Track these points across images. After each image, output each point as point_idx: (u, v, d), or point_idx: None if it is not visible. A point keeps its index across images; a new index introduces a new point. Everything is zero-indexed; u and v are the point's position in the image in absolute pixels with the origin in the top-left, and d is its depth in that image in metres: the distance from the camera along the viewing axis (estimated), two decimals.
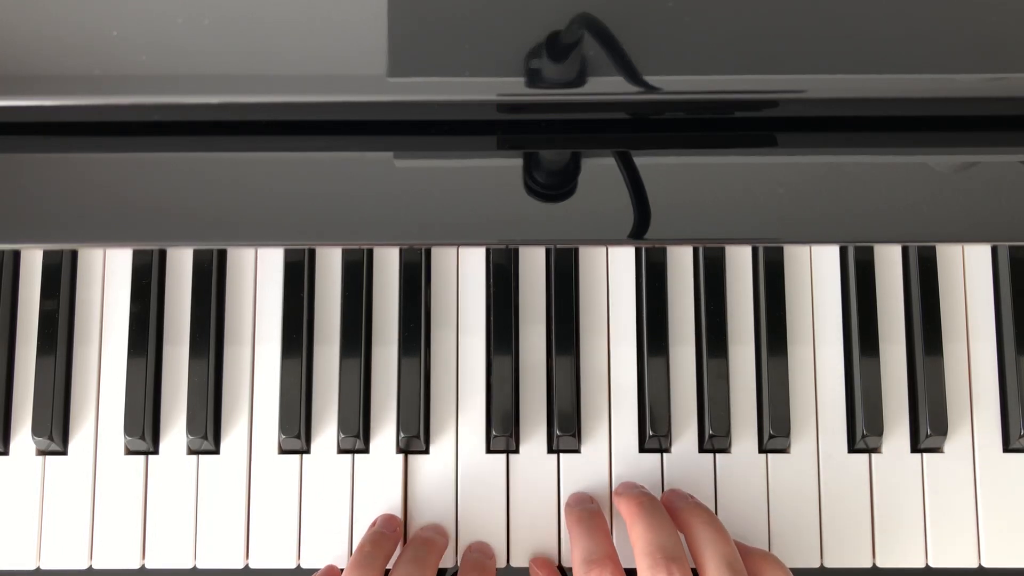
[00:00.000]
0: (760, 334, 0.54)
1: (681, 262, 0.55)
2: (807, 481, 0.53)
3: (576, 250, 0.54)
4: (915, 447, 0.54)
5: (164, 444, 0.54)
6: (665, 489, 0.53)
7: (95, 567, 0.53)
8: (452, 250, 0.55)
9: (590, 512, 0.50)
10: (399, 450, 0.54)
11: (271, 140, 0.48)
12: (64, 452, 0.54)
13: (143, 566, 0.53)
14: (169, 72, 0.45)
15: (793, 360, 0.54)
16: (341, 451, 0.54)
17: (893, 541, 0.53)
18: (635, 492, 0.50)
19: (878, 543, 0.53)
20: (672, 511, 0.49)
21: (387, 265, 0.55)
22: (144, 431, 0.53)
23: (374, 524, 0.52)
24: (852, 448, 0.54)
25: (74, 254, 0.55)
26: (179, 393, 0.54)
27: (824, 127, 0.48)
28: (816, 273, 0.55)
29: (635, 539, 0.46)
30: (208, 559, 0.53)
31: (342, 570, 0.50)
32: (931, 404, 0.53)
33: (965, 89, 0.46)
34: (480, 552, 0.52)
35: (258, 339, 0.55)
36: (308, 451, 0.54)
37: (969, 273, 0.55)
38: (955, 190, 0.48)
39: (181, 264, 0.55)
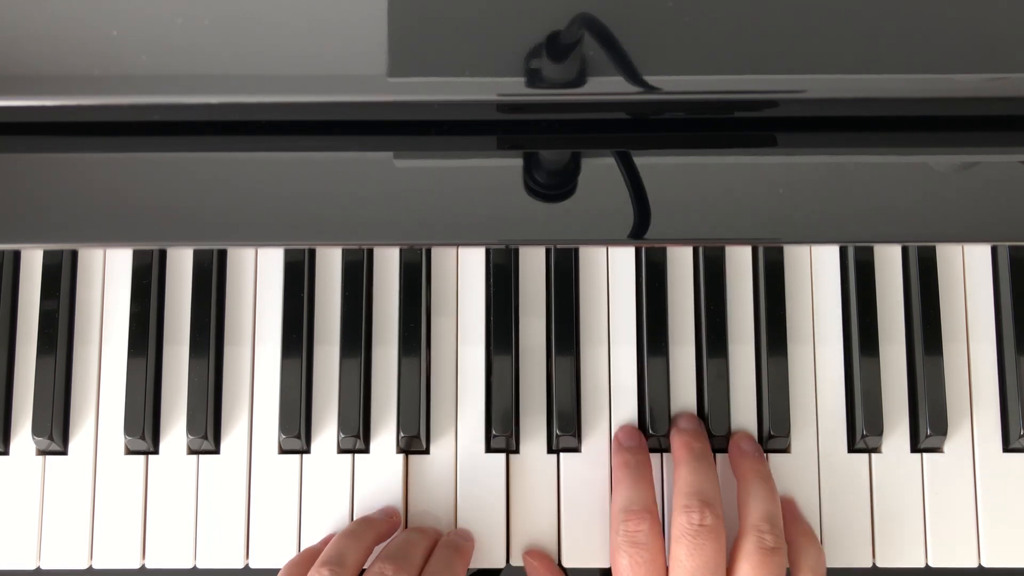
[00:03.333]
0: (760, 334, 0.54)
1: (681, 262, 0.55)
2: (807, 481, 0.53)
3: (576, 250, 0.54)
4: (915, 447, 0.54)
5: (164, 444, 0.54)
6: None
7: (95, 567, 0.53)
8: (452, 250, 0.55)
9: (638, 460, 0.51)
10: (399, 450, 0.54)
11: (271, 140, 0.48)
12: (64, 452, 0.54)
13: (143, 566, 0.53)
14: (169, 72, 0.45)
15: (793, 360, 0.54)
16: (341, 451, 0.54)
17: (893, 541, 0.53)
18: (688, 435, 0.51)
19: (878, 543, 0.53)
20: (734, 454, 0.52)
21: (387, 265, 0.55)
22: (144, 431, 0.53)
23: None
24: (852, 448, 0.54)
25: (74, 254, 0.55)
26: (179, 393, 0.54)
27: (824, 127, 0.48)
28: (816, 273, 0.55)
29: (678, 479, 0.49)
30: (208, 559, 0.53)
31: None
32: (931, 404, 0.53)
33: (965, 89, 0.46)
34: (457, 535, 0.52)
35: (258, 339, 0.55)
36: (308, 451, 0.54)
37: (969, 273, 0.55)
38: (955, 190, 0.48)
39: (181, 264, 0.55)
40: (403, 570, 0.46)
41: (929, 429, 0.52)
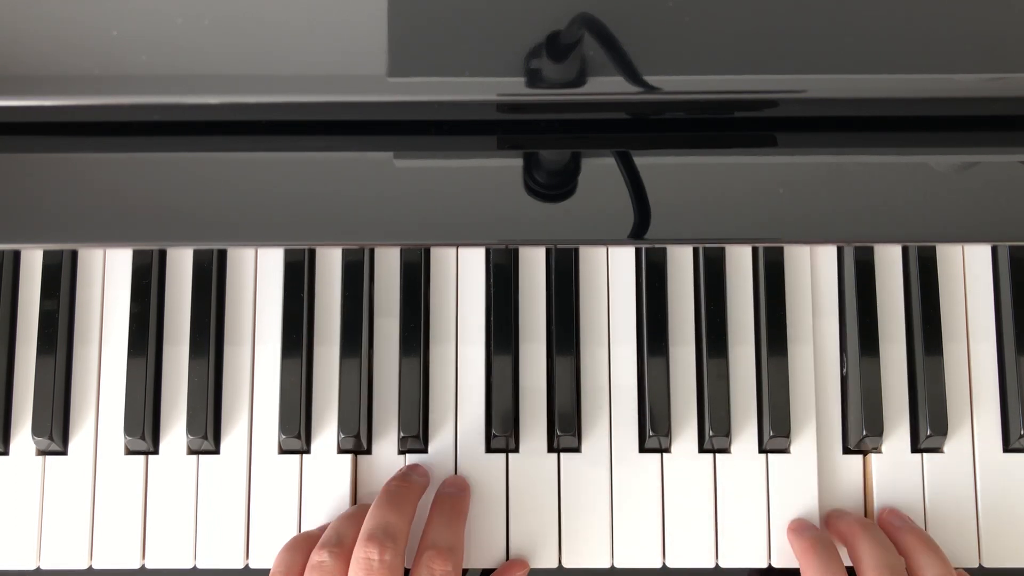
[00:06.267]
0: (760, 334, 0.54)
1: (681, 262, 0.55)
2: (807, 481, 0.53)
3: (576, 250, 0.54)
4: (915, 447, 0.54)
5: (164, 444, 0.54)
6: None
7: (95, 567, 0.53)
8: (452, 250, 0.55)
9: (824, 541, 0.50)
10: (399, 450, 0.54)
11: (271, 140, 0.48)
12: (64, 452, 0.54)
13: (143, 566, 0.53)
14: (169, 72, 0.45)
15: (793, 360, 0.54)
16: (341, 451, 0.54)
17: None
18: (852, 515, 0.51)
19: None
20: (889, 530, 0.50)
21: (387, 265, 0.55)
22: (144, 431, 0.53)
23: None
24: (852, 448, 0.54)
25: (74, 254, 0.55)
26: (179, 393, 0.54)
27: (824, 127, 0.48)
28: (816, 273, 0.55)
29: (862, 554, 0.47)
30: (208, 559, 0.53)
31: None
32: (931, 404, 0.53)
33: (965, 89, 0.46)
34: (451, 485, 0.52)
35: (258, 339, 0.55)
36: (308, 451, 0.54)
37: (969, 273, 0.55)
38: (955, 190, 0.48)
39: (181, 264, 0.55)
40: (388, 550, 0.43)
41: (929, 429, 0.52)
